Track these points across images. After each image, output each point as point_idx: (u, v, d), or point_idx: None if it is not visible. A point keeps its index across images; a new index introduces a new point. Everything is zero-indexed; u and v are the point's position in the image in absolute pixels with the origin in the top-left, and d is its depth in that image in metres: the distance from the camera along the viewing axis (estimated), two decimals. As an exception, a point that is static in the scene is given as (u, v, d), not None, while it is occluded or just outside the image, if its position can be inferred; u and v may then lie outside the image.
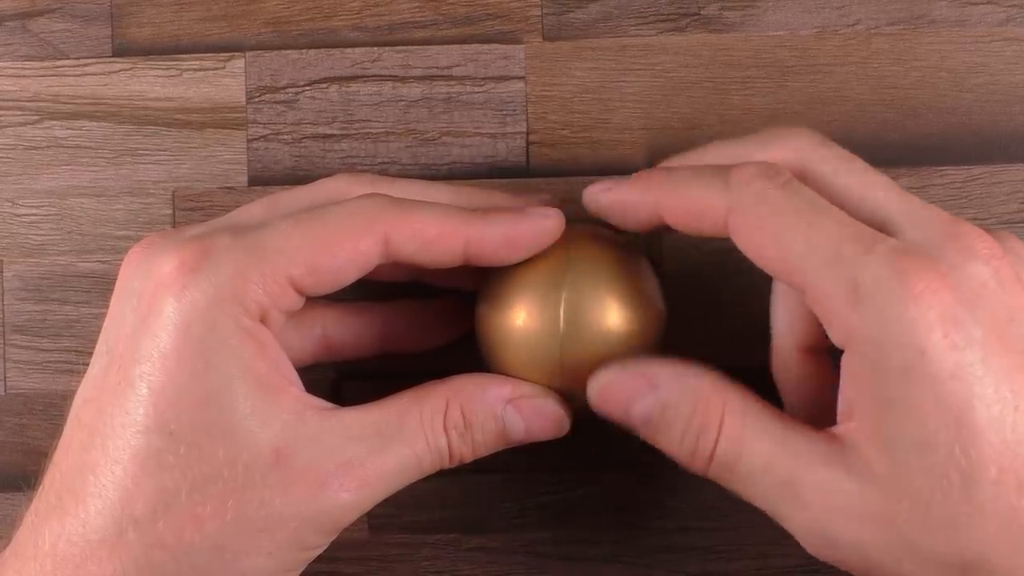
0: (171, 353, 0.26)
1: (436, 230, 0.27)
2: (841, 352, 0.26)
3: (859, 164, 0.28)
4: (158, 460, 0.26)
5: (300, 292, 0.27)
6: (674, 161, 0.30)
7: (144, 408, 0.26)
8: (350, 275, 0.27)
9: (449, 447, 0.28)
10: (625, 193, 0.28)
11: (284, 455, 0.26)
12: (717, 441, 0.26)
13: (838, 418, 0.26)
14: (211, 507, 0.26)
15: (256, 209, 0.29)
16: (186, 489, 0.25)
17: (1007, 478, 0.24)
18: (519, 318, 0.28)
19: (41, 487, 0.27)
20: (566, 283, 0.28)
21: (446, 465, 0.28)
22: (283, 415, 0.26)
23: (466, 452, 0.28)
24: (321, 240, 0.27)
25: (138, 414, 0.26)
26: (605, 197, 0.28)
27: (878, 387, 0.25)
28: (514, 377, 0.29)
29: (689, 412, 0.27)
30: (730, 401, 0.26)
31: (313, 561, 0.28)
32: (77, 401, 0.28)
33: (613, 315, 0.28)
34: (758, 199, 0.26)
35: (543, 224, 0.28)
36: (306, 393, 0.27)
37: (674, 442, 0.27)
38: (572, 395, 0.29)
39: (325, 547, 0.28)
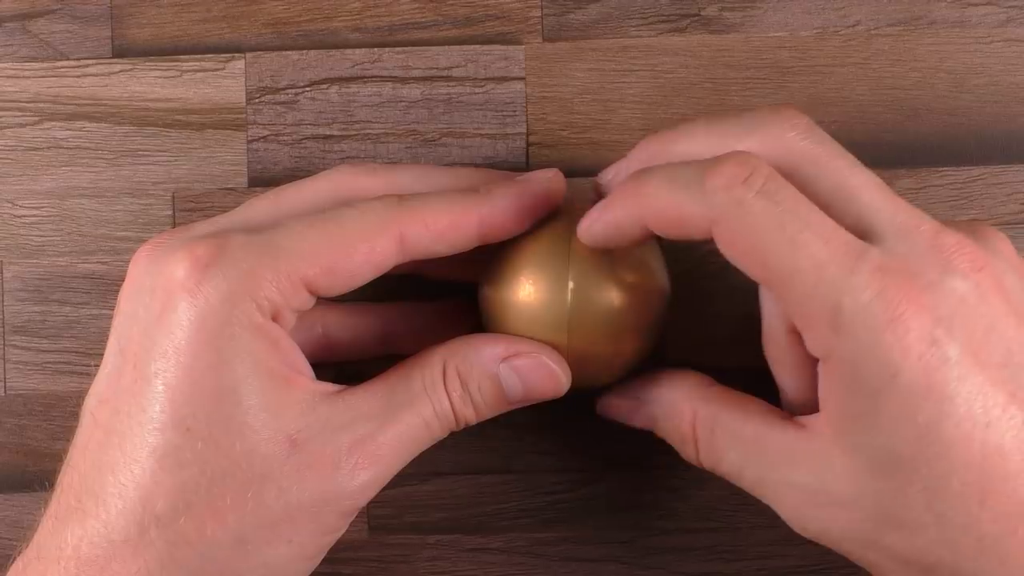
0: (186, 349, 0.26)
1: (448, 219, 0.28)
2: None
3: (846, 160, 0.27)
4: (176, 457, 0.26)
5: (313, 292, 0.27)
6: (655, 141, 0.29)
7: (160, 405, 0.26)
8: (366, 276, 0.28)
9: (453, 410, 0.28)
10: (609, 216, 0.28)
11: (298, 442, 0.26)
12: (697, 450, 0.29)
13: (819, 407, 0.27)
14: (231, 500, 0.26)
15: (262, 205, 0.29)
16: (205, 484, 0.26)
17: (970, 491, 0.24)
18: (526, 293, 0.28)
19: (59, 489, 0.27)
20: (572, 258, 0.28)
21: (455, 428, 0.29)
22: (295, 404, 0.27)
23: (470, 414, 0.28)
24: (337, 241, 0.27)
25: (155, 411, 0.26)
26: (596, 229, 0.28)
27: (850, 401, 0.25)
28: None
29: (671, 424, 0.29)
30: (699, 413, 0.28)
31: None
32: (91, 402, 0.28)
33: (620, 289, 0.28)
34: (737, 210, 0.25)
35: (547, 186, 0.29)
36: (317, 381, 0.28)
37: (673, 444, 0.30)
38: (579, 367, 0.29)
39: (344, 529, 0.28)
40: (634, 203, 0.27)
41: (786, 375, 0.28)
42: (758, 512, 0.33)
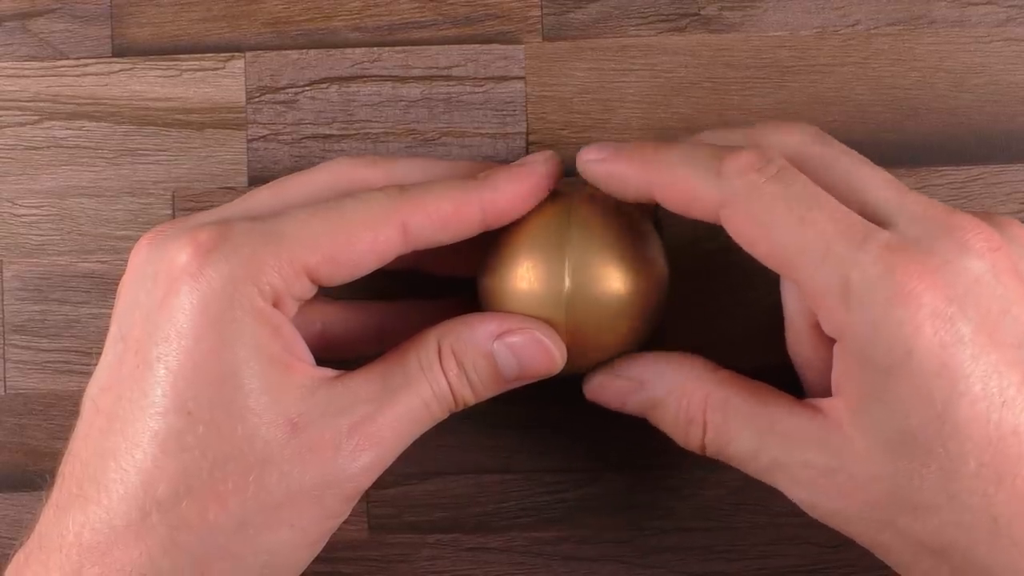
0: (188, 332, 0.26)
1: (451, 206, 0.28)
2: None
3: (856, 157, 0.28)
4: (178, 441, 0.26)
5: (315, 281, 0.27)
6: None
7: (162, 389, 0.26)
8: (368, 266, 0.28)
9: (451, 390, 0.28)
10: (618, 166, 0.28)
11: (298, 426, 0.26)
12: (704, 433, 0.28)
13: (832, 391, 0.27)
14: (232, 484, 0.26)
15: (264, 195, 0.29)
16: (207, 468, 0.26)
17: (986, 471, 0.24)
18: (523, 280, 0.28)
19: (60, 478, 0.27)
20: (569, 243, 0.28)
21: (454, 408, 0.28)
22: (295, 389, 0.27)
23: (468, 394, 0.28)
24: (341, 230, 0.27)
25: (156, 395, 0.26)
26: (598, 167, 0.28)
27: (865, 380, 0.25)
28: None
29: (675, 407, 0.28)
30: (711, 394, 0.28)
31: (313, 561, 0.28)
32: (92, 390, 0.28)
33: (618, 273, 0.28)
34: (750, 193, 0.26)
35: (544, 168, 0.29)
36: (317, 367, 0.28)
37: (670, 430, 0.29)
38: (577, 349, 0.29)
39: (346, 515, 0.28)
40: (647, 166, 0.28)
41: (810, 373, 0.28)
42: (757, 511, 0.33)
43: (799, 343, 0.28)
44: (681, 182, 0.27)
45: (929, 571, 0.26)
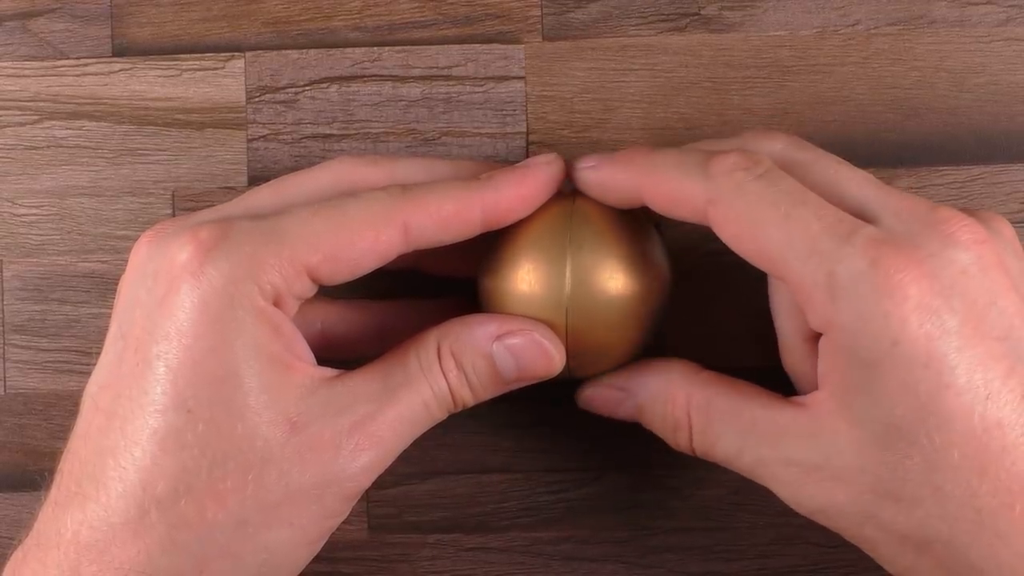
0: (188, 330, 0.26)
1: (452, 207, 0.28)
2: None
3: (836, 159, 0.28)
4: (177, 439, 0.26)
5: (315, 280, 0.27)
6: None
7: (162, 387, 0.26)
8: (369, 265, 0.28)
9: (450, 391, 0.28)
10: (609, 174, 0.29)
11: (298, 425, 0.26)
12: (690, 435, 0.28)
13: (818, 384, 0.27)
14: (232, 482, 0.26)
15: (264, 194, 0.29)
16: (206, 466, 0.26)
17: (969, 463, 0.24)
18: (524, 282, 0.28)
19: (59, 476, 0.27)
20: (570, 245, 0.28)
21: (453, 409, 0.29)
22: (295, 388, 0.27)
23: (467, 395, 0.29)
24: (342, 229, 0.27)
25: (156, 393, 0.26)
26: (590, 175, 0.29)
27: (850, 372, 0.25)
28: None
29: (662, 412, 0.29)
30: (693, 397, 0.28)
31: (313, 561, 0.28)
32: (91, 389, 0.28)
33: (619, 276, 0.28)
34: (736, 191, 0.26)
35: (547, 170, 0.29)
36: (317, 367, 0.28)
37: (660, 434, 0.30)
38: (577, 353, 0.29)
39: (346, 514, 0.28)
40: (637, 170, 0.28)
41: (802, 378, 0.28)
42: (757, 511, 0.33)
43: (790, 347, 0.28)
44: (669, 183, 0.27)
45: (912, 565, 0.26)
